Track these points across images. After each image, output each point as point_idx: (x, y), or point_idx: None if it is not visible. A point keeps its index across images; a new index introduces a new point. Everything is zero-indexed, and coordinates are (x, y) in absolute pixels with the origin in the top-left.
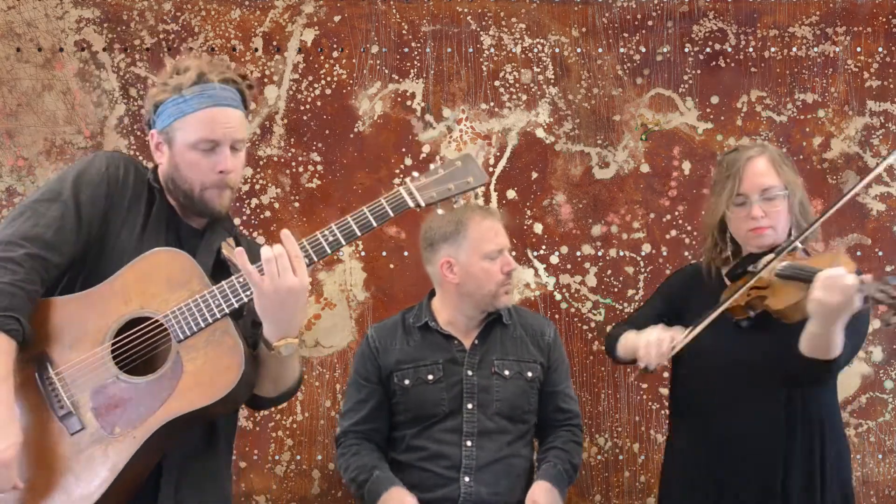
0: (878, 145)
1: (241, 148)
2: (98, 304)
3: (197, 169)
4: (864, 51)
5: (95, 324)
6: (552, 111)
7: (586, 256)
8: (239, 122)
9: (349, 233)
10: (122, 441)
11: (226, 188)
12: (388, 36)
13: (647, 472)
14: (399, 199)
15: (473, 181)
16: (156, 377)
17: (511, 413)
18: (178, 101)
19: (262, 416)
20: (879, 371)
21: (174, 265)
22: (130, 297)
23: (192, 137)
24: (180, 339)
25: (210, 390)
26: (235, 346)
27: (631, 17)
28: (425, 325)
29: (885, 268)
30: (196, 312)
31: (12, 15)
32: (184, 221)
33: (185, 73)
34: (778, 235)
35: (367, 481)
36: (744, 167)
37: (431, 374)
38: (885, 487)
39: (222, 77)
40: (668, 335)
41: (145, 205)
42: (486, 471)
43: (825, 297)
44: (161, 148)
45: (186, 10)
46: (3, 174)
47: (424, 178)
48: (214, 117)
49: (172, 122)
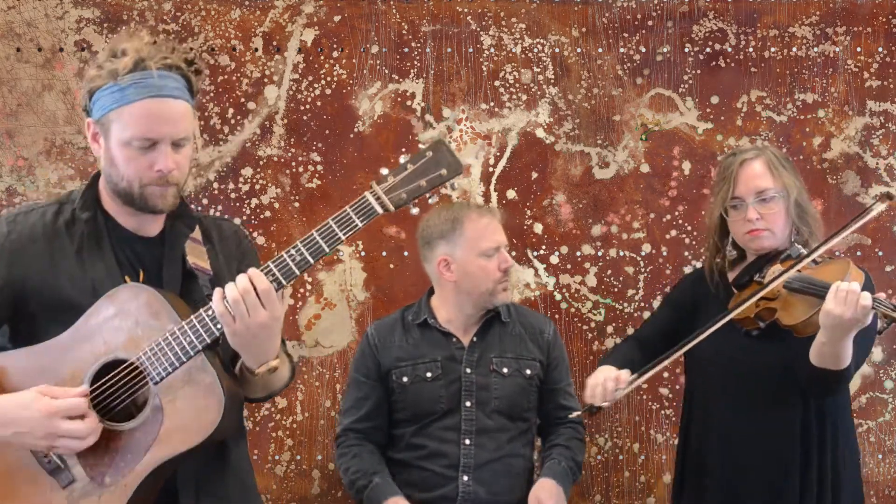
0: (878, 145)
1: (185, 144)
2: (69, 350)
3: (133, 165)
4: (864, 51)
5: (70, 370)
6: (552, 111)
7: (586, 256)
8: (181, 115)
9: (317, 250)
10: (114, 491)
11: (168, 186)
12: (388, 36)
13: (647, 472)
14: (366, 207)
15: (447, 173)
16: (137, 423)
17: (510, 411)
18: (112, 90)
19: (261, 416)
20: (879, 371)
21: (140, 301)
22: (102, 340)
23: (127, 133)
24: (156, 381)
25: (192, 433)
26: (213, 384)
27: (631, 17)
28: (424, 322)
29: (885, 268)
30: (168, 352)
31: (12, 15)
32: (134, 235)
33: (122, 56)
34: (776, 237)
35: (366, 487)
36: (738, 170)
37: (430, 371)
38: (885, 487)
39: (163, 63)
40: (613, 376)
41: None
42: (485, 470)
43: (839, 311)
44: (98, 139)
45: (186, 10)
46: (3, 174)
47: (392, 176)
48: (152, 111)
49: (107, 112)
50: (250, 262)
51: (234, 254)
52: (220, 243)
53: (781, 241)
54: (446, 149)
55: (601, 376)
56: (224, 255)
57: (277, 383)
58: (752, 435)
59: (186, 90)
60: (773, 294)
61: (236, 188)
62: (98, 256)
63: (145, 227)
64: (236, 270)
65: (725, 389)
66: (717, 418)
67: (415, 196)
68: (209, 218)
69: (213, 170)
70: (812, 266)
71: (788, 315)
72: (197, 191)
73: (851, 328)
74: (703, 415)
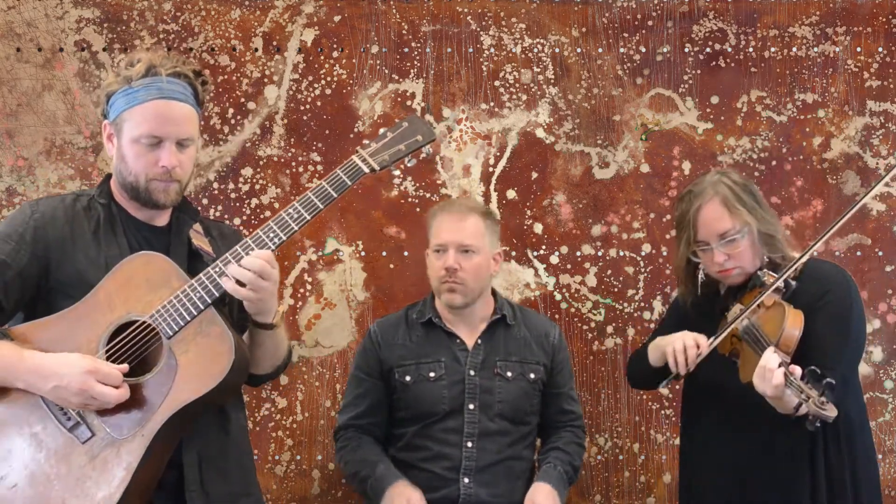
0: (878, 145)
1: (189, 145)
2: (85, 317)
3: (141, 161)
4: (864, 51)
5: (86, 336)
6: (552, 111)
7: (586, 256)
8: (186, 117)
9: (312, 206)
10: (133, 440)
11: (171, 182)
12: (388, 36)
13: (647, 472)
14: (353, 167)
15: (422, 138)
16: (153, 375)
17: (513, 415)
18: (126, 92)
19: (262, 416)
20: (879, 371)
21: (151, 267)
22: (115, 305)
23: (136, 131)
24: (169, 335)
25: (206, 378)
26: (223, 333)
27: (631, 17)
28: (429, 321)
29: (885, 268)
30: (180, 308)
31: (12, 15)
32: (144, 223)
33: (137, 64)
34: (746, 272)
35: (370, 476)
36: (696, 216)
37: (433, 371)
38: (886, 487)
39: (172, 70)
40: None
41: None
42: (486, 472)
43: (760, 386)
44: (112, 139)
45: (186, 10)
46: (3, 174)
47: (375, 143)
48: (160, 111)
49: (121, 113)
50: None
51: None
52: (220, 239)
53: (753, 269)
54: (420, 120)
55: (680, 343)
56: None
57: (283, 345)
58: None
59: (192, 97)
60: (737, 332)
61: (236, 188)
62: (112, 239)
63: (154, 219)
64: None
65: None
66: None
67: (396, 158)
68: (208, 219)
69: (213, 170)
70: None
71: (744, 371)
72: (197, 191)
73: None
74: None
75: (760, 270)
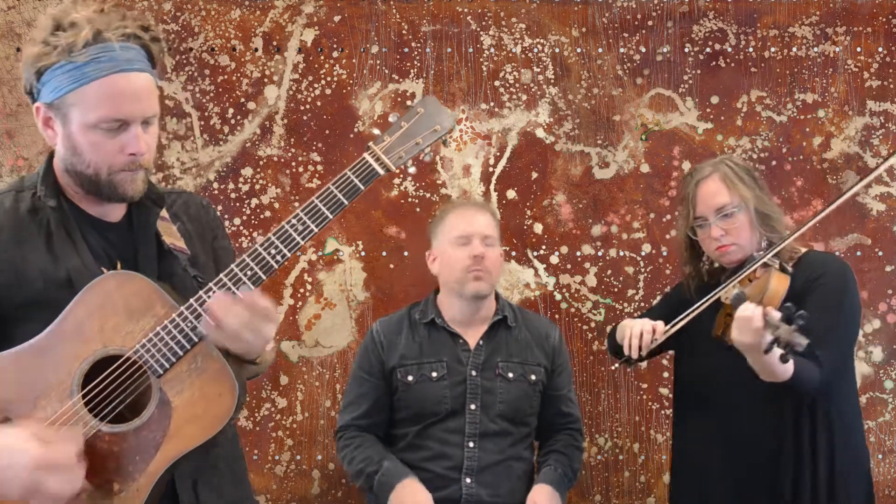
0: (878, 145)
1: (154, 122)
2: (52, 351)
3: (101, 151)
4: (864, 51)
5: (56, 374)
6: (552, 111)
7: (586, 256)
8: (148, 89)
9: (320, 216)
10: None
11: (139, 170)
12: (388, 36)
13: (647, 472)
14: (367, 169)
15: (441, 128)
16: (143, 421)
17: (513, 415)
18: (68, 68)
19: (262, 416)
20: (879, 371)
21: (129, 290)
22: (88, 337)
23: (92, 116)
24: (159, 374)
25: (206, 423)
26: (222, 369)
27: (631, 17)
28: (432, 321)
29: (885, 268)
30: (169, 340)
31: (12, 15)
32: (100, 220)
33: (74, 29)
34: (744, 249)
35: (376, 472)
36: (695, 191)
37: (435, 371)
38: (886, 487)
39: (122, 33)
40: (650, 327)
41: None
42: (488, 472)
43: (737, 336)
44: (52, 124)
45: (186, 10)
46: (3, 174)
47: (388, 136)
48: (119, 88)
49: (64, 94)
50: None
51: (205, 230)
52: (189, 221)
53: (751, 250)
54: (436, 104)
55: (637, 328)
56: (196, 233)
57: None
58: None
59: (147, 61)
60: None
61: (236, 188)
62: (70, 247)
63: (110, 213)
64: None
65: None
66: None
67: (412, 154)
68: (173, 193)
69: (213, 170)
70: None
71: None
72: (197, 191)
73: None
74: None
75: (757, 253)
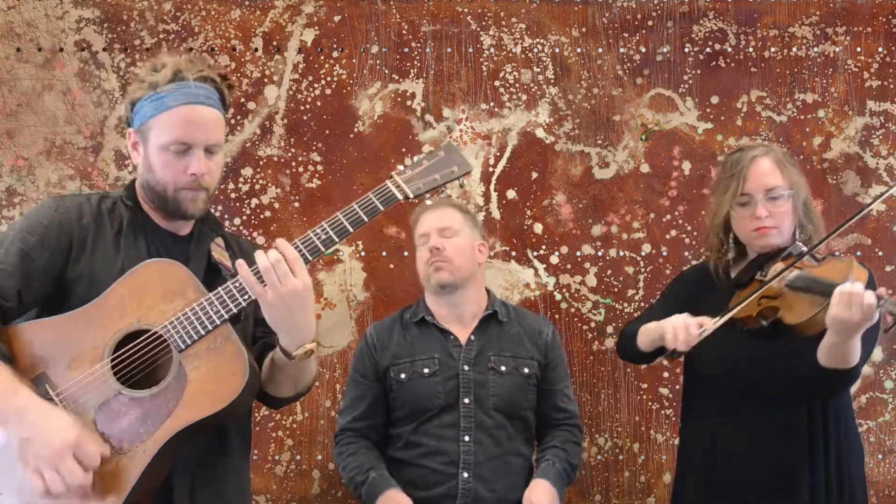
0: (878, 145)
1: (217, 151)
2: (93, 320)
3: (169, 169)
4: (864, 51)
5: (92, 341)
6: (552, 111)
7: (586, 256)
8: (214, 122)
9: (341, 230)
10: (133, 455)
11: (200, 190)
12: (388, 36)
13: (647, 472)
14: (387, 193)
15: (458, 170)
16: (160, 389)
17: (508, 408)
18: (152, 99)
19: (262, 416)
20: (879, 371)
21: (168, 275)
22: (126, 311)
23: (164, 138)
24: (181, 348)
25: (216, 397)
26: (238, 351)
27: (631, 17)
28: (422, 319)
29: (885, 268)
30: (195, 321)
31: (12, 15)
32: (166, 231)
33: (162, 69)
34: (783, 236)
35: (363, 483)
36: (748, 167)
37: (427, 367)
38: (886, 487)
39: (199, 75)
40: (695, 320)
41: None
42: (485, 467)
43: (845, 313)
44: (137, 147)
45: (186, 10)
46: (3, 174)
47: (410, 170)
48: (188, 117)
49: (147, 120)
50: None
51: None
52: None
53: (786, 240)
54: (457, 151)
55: (681, 321)
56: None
57: (308, 375)
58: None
59: (219, 101)
60: (775, 292)
61: (236, 188)
62: (132, 243)
63: (177, 228)
64: None
65: (727, 389)
66: (719, 418)
67: (430, 188)
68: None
69: None
70: (814, 264)
71: (792, 314)
72: None
73: (859, 329)
74: (705, 415)
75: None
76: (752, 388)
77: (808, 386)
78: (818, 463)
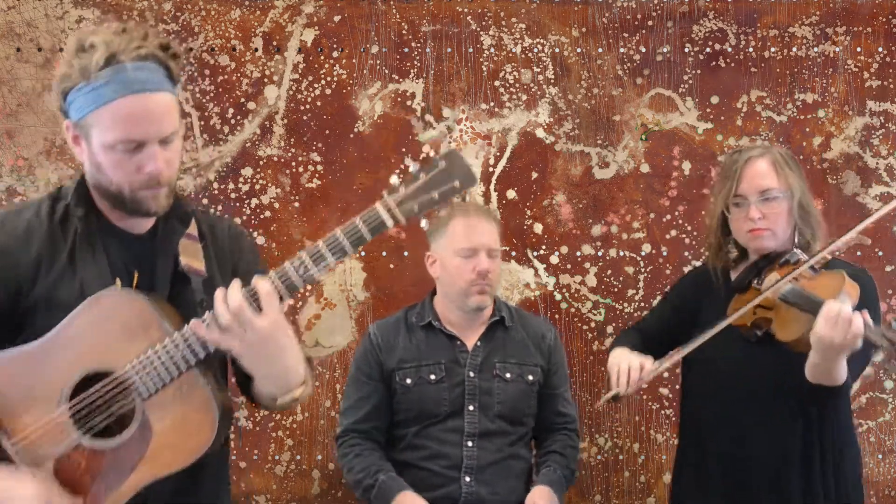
0: (878, 145)
1: (173, 139)
2: (48, 359)
3: (121, 169)
4: (864, 51)
5: (48, 383)
6: (552, 111)
7: (586, 256)
8: (165, 109)
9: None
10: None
11: (160, 187)
12: (388, 36)
13: (647, 472)
14: (376, 219)
15: (460, 185)
16: (122, 441)
17: (511, 416)
18: (86, 90)
19: (262, 416)
20: (879, 371)
21: (130, 310)
22: (83, 350)
23: (109, 137)
24: (145, 396)
25: (183, 452)
26: (207, 401)
27: (631, 17)
28: (429, 324)
29: (885, 268)
30: (159, 365)
31: (12, 15)
32: (126, 232)
33: (91, 52)
34: (777, 238)
35: (373, 486)
36: (743, 168)
37: (433, 373)
38: (886, 487)
39: (136, 54)
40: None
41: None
42: (487, 471)
43: (828, 333)
44: (79, 142)
45: (186, 10)
46: (3, 174)
47: (404, 188)
48: (132, 110)
49: (85, 115)
50: (248, 260)
51: (227, 253)
52: (212, 243)
53: (783, 243)
54: (460, 160)
55: (625, 364)
56: (217, 255)
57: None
58: (752, 436)
59: (167, 79)
60: (770, 303)
61: (236, 188)
62: (90, 257)
63: (136, 225)
64: (231, 271)
65: (724, 393)
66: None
67: (426, 208)
68: (205, 215)
69: (213, 170)
70: (810, 274)
71: (782, 331)
72: (197, 191)
73: (842, 351)
74: (702, 416)
75: (796, 249)
76: (749, 391)
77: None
78: (813, 463)
